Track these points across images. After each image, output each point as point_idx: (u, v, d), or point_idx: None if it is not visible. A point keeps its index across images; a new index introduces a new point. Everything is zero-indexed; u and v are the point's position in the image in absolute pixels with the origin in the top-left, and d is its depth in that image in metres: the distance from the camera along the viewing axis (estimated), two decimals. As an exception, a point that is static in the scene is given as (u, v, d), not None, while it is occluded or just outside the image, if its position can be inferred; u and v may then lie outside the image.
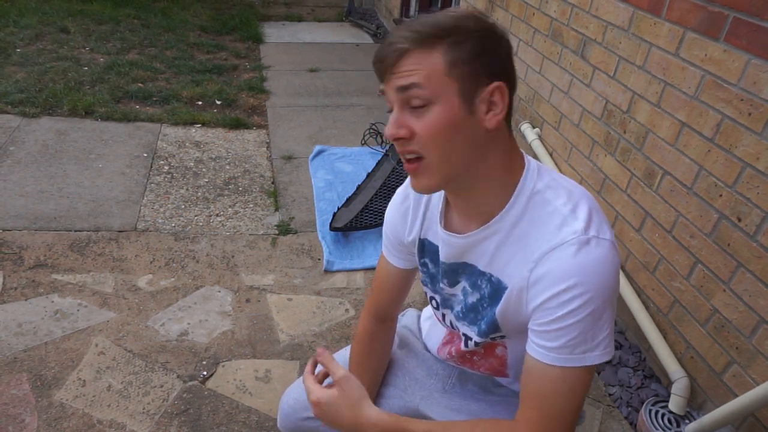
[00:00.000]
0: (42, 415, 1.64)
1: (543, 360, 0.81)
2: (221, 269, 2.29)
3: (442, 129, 0.79)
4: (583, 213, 0.81)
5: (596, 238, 0.79)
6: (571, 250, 0.78)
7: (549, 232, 0.81)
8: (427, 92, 0.77)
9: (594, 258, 0.78)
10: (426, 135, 0.79)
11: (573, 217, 0.81)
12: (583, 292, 0.78)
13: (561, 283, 0.78)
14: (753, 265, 1.48)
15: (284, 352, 1.93)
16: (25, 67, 3.91)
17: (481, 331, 0.94)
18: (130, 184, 2.80)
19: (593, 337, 0.79)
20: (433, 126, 0.78)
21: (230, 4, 5.98)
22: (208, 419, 1.67)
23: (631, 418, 1.76)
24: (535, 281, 0.81)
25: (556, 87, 2.48)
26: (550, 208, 0.82)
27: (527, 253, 0.82)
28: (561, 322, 0.79)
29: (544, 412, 0.82)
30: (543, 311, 0.80)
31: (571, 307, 0.78)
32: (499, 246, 0.86)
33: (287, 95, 4.00)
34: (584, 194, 0.85)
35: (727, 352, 1.58)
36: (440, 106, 0.78)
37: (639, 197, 1.94)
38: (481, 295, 0.92)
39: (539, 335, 0.82)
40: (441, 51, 0.77)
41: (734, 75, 1.51)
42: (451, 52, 0.77)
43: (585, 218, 0.81)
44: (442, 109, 0.78)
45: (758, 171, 1.45)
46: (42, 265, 2.21)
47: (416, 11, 5.07)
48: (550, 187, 0.84)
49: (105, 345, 1.89)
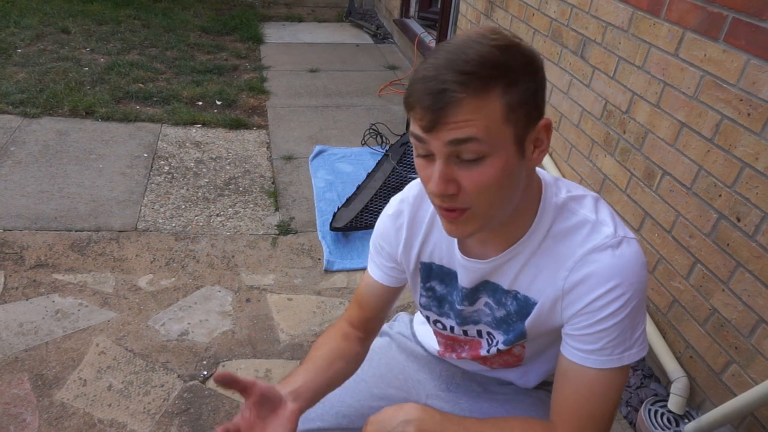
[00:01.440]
0: (43, 414, 1.64)
1: (582, 363, 0.80)
2: (221, 269, 2.29)
3: (496, 181, 0.72)
4: (607, 216, 0.82)
5: (626, 238, 0.80)
6: (608, 253, 0.78)
7: (580, 240, 0.80)
8: (485, 146, 0.69)
9: (629, 257, 0.78)
10: (478, 189, 0.72)
11: (601, 222, 0.81)
12: (624, 292, 0.77)
13: (602, 286, 0.78)
14: (752, 264, 1.49)
15: (284, 352, 1.93)
16: (25, 68, 3.91)
17: (507, 340, 0.93)
18: (131, 184, 2.80)
19: (631, 336, 0.79)
20: (487, 179, 0.71)
21: (231, 5, 5.99)
22: (209, 419, 1.68)
23: (630, 417, 1.76)
24: (572, 287, 0.80)
25: (555, 87, 2.48)
26: (576, 218, 0.82)
27: (558, 264, 0.81)
28: (602, 324, 0.78)
29: (582, 413, 0.81)
30: (583, 315, 0.80)
31: (613, 308, 0.77)
32: (524, 264, 0.84)
33: (287, 95, 4.00)
34: (598, 198, 0.85)
35: (726, 352, 1.58)
36: (495, 157, 0.70)
37: (638, 197, 1.95)
38: (507, 312, 0.90)
39: (578, 339, 0.81)
40: (498, 96, 0.68)
41: (733, 75, 1.52)
42: (508, 95, 0.68)
43: (611, 221, 0.81)
44: (498, 161, 0.71)
45: (757, 171, 1.46)
46: (43, 265, 2.21)
47: (416, 11, 5.08)
48: (572, 198, 0.83)
49: (106, 345, 1.89)
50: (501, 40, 0.69)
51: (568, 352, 0.82)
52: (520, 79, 0.69)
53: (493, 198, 0.74)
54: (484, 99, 0.67)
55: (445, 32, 4.15)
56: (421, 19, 5.01)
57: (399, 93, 4.14)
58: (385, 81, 4.34)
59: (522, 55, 0.70)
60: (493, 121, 0.68)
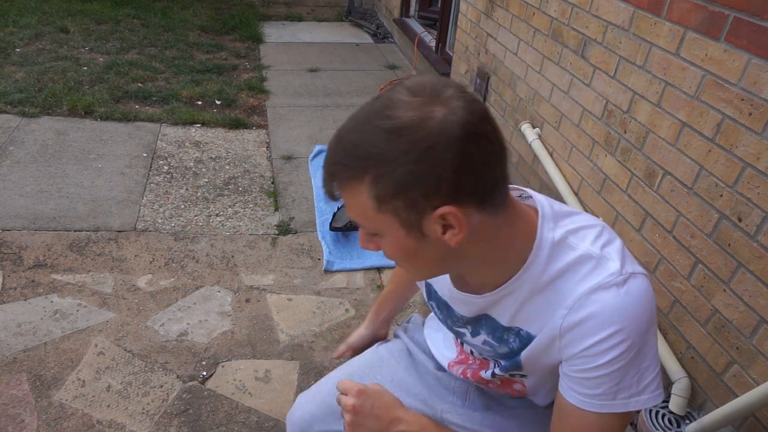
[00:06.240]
0: (41, 415, 1.64)
1: (580, 406, 0.76)
2: (221, 269, 2.28)
3: (399, 255, 0.74)
4: (613, 250, 0.75)
5: (633, 275, 0.73)
6: (611, 293, 0.72)
7: (581, 277, 0.74)
8: (369, 227, 0.71)
9: (634, 298, 0.72)
10: (390, 256, 0.75)
11: (605, 257, 0.74)
12: (625, 338, 0.71)
13: (602, 331, 0.71)
14: (753, 265, 1.48)
15: (284, 352, 1.93)
16: (24, 67, 3.91)
17: (502, 368, 0.90)
18: (130, 184, 2.79)
19: (639, 382, 0.74)
20: (390, 253, 0.74)
21: (230, 4, 5.98)
22: (208, 419, 1.67)
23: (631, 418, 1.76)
24: (570, 328, 0.74)
25: (556, 87, 2.47)
26: (576, 254, 0.75)
27: (557, 302, 0.75)
28: (602, 369, 0.73)
29: None
30: (581, 359, 0.74)
31: (613, 354, 0.72)
32: (523, 302, 0.79)
33: (287, 95, 3.99)
34: (606, 228, 0.79)
35: (728, 353, 1.58)
36: (387, 237, 0.71)
37: (639, 197, 1.94)
38: (510, 349, 0.86)
39: (577, 382, 0.76)
40: (366, 188, 0.66)
41: (735, 75, 1.51)
42: (376, 187, 0.66)
43: (618, 256, 0.74)
44: (391, 241, 0.72)
45: (759, 171, 1.45)
46: (41, 265, 2.21)
47: (416, 11, 5.07)
48: (571, 232, 0.77)
49: (104, 345, 1.89)
50: (399, 120, 0.64)
51: (566, 393, 0.78)
52: (396, 169, 0.64)
53: (411, 265, 0.76)
54: (353, 189, 0.67)
55: (445, 32, 4.15)
56: (422, 18, 5.01)
57: (399, 92, 4.13)
58: (385, 81, 4.34)
59: (413, 141, 0.63)
60: (365, 210, 0.68)
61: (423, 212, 0.67)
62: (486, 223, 0.71)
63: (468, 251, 0.73)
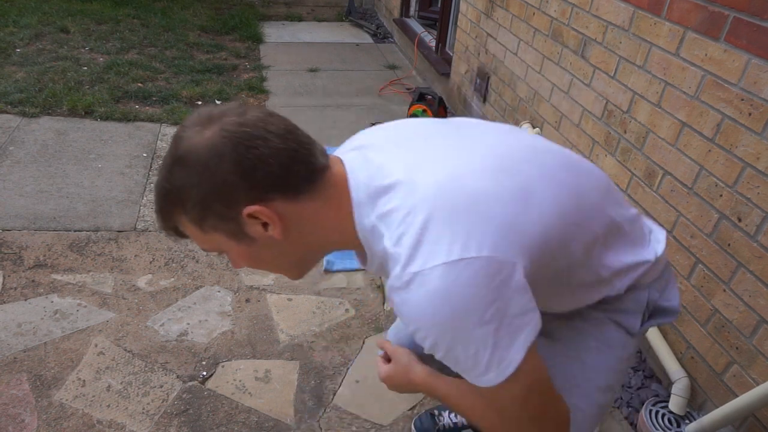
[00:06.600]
0: (42, 415, 1.64)
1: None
2: (221, 269, 2.28)
3: (252, 263, 0.83)
4: (407, 244, 0.71)
5: (420, 274, 0.70)
6: (398, 297, 0.73)
7: (389, 272, 0.76)
8: (211, 248, 0.81)
9: (415, 301, 0.70)
10: (247, 266, 0.84)
11: (394, 256, 0.73)
12: (426, 336, 0.73)
13: (408, 326, 0.75)
14: (753, 265, 1.48)
15: (284, 352, 1.93)
16: (24, 67, 3.91)
17: None
18: (130, 184, 2.79)
19: (474, 365, 0.73)
20: (243, 263, 0.83)
21: (230, 4, 5.98)
22: (208, 419, 1.67)
23: (631, 418, 1.76)
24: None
25: (556, 87, 2.48)
26: (380, 248, 0.76)
27: None
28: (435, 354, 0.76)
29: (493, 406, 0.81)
30: None
31: (428, 346, 0.74)
32: None
33: (287, 95, 3.99)
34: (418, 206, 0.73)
35: (728, 353, 1.58)
36: (230, 252, 0.81)
37: (639, 197, 1.94)
38: None
39: None
40: (184, 219, 0.77)
41: (734, 75, 1.51)
42: (189, 215, 0.76)
43: (407, 251, 0.71)
44: (234, 253, 0.81)
45: (759, 171, 1.45)
46: (41, 265, 2.21)
47: (416, 11, 5.07)
48: (381, 217, 0.76)
49: (104, 345, 1.89)
50: (178, 152, 0.73)
51: None
52: (192, 194, 0.73)
53: (269, 268, 0.85)
54: (177, 224, 0.78)
55: (445, 32, 4.15)
56: (422, 18, 5.01)
57: (399, 93, 4.13)
58: (385, 80, 4.34)
59: (191, 166, 0.72)
60: (196, 236, 0.79)
61: (236, 219, 0.74)
62: (302, 209, 0.76)
63: (308, 238, 0.80)
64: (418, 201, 0.73)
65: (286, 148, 0.73)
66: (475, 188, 0.74)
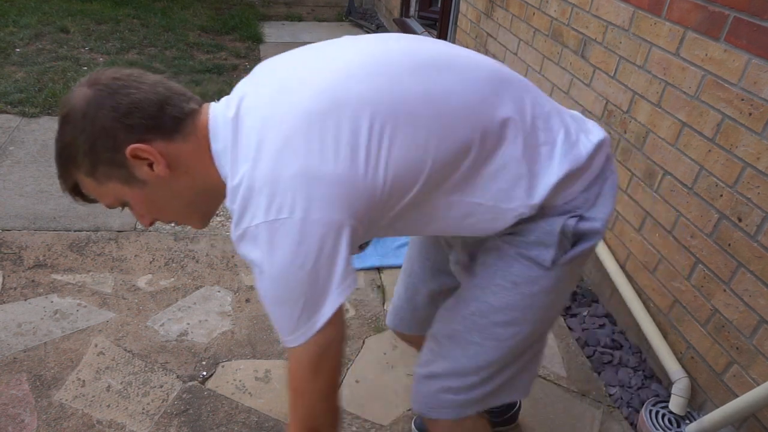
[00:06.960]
0: (41, 415, 1.64)
1: None
2: (221, 269, 2.28)
3: (152, 209, 0.89)
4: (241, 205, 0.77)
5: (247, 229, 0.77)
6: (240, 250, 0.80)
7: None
8: (111, 201, 0.87)
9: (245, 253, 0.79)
10: (149, 215, 0.90)
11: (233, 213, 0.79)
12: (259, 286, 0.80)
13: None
14: (753, 265, 1.48)
15: (284, 352, 1.93)
16: (24, 67, 3.91)
17: None
18: (130, 184, 2.79)
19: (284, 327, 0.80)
20: (143, 211, 0.89)
21: (230, 4, 5.98)
22: (208, 419, 1.67)
23: (631, 418, 1.75)
24: None
25: (556, 87, 2.47)
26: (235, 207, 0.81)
27: None
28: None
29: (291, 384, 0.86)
30: None
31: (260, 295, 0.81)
32: None
33: (287, 95, 3.99)
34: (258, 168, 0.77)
35: (728, 353, 1.58)
36: (130, 200, 0.86)
37: (639, 197, 1.94)
38: None
39: None
40: (79, 174, 0.84)
41: (735, 75, 1.51)
42: (82, 169, 0.82)
43: (239, 209, 0.77)
44: (132, 201, 0.87)
45: (759, 171, 1.45)
46: (41, 265, 2.21)
47: (416, 11, 5.07)
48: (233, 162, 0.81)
49: (104, 345, 1.89)
50: (58, 120, 0.83)
51: None
52: (79, 146, 0.81)
53: (169, 215, 0.91)
54: (76, 181, 0.85)
55: (445, 32, 4.15)
56: (422, 18, 5.00)
57: (399, 92, 4.12)
58: (385, 80, 4.33)
59: (72, 119, 0.80)
60: (94, 189, 0.85)
61: (122, 162, 0.81)
62: (178, 149, 0.83)
63: (194, 178, 0.85)
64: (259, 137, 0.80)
65: (158, 93, 0.81)
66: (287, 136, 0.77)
